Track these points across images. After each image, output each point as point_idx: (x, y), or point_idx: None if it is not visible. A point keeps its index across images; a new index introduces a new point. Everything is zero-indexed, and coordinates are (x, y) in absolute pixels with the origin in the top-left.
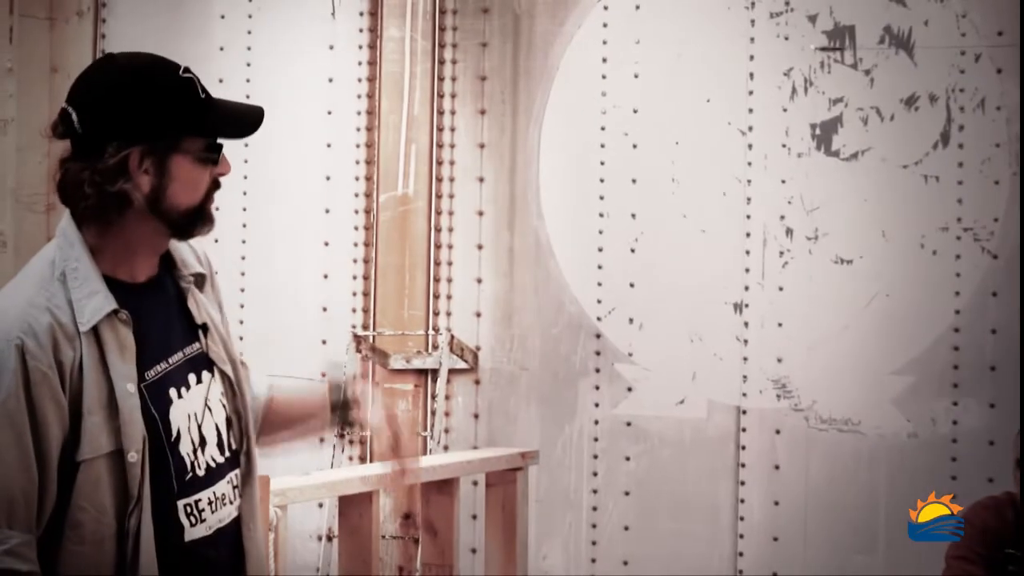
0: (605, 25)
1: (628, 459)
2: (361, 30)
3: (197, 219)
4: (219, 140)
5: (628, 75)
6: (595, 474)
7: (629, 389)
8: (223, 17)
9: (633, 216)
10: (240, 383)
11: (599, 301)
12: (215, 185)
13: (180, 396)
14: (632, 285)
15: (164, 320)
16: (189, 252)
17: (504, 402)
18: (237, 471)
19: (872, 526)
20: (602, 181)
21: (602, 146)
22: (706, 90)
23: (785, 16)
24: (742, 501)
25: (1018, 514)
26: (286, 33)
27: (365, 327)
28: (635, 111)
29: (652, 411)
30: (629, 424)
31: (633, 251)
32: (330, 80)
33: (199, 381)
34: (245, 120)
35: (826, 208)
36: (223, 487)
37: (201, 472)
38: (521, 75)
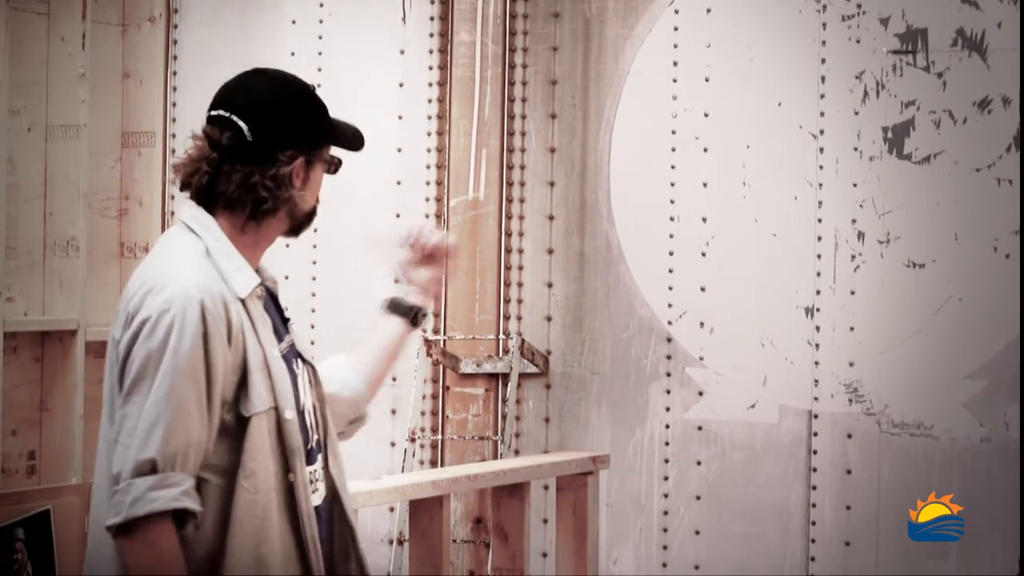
0: (676, 29)
1: (699, 463)
2: (432, 35)
3: (310, 220)
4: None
5: (699, 79)
6: (666, 478)
7: (700, 393)
8: (294, 22)
9: (704, 220)
10: (318, 376)
11: (670, 305)
12: None
13: (297, 373)
14: (703, 289)
15: (273, 308)
16: None
17: (575, 406)
18: (323, 454)
19: None
20: (673, 185)
21: (673, 150)
22: (777, 93)
23: (857, 19)
24: (813, 505)
25: None
26: (357, 38)
27: (436, 331)
28: (706, 115)
29: (723, 415)
30: (700, 428)
31: (704, 255)
32: (401, 85)
33: (299, 366)
34: (359, 136)
35: (898, 212)
36: (317, 466)
37: (312, 446)
38: (592, 79)
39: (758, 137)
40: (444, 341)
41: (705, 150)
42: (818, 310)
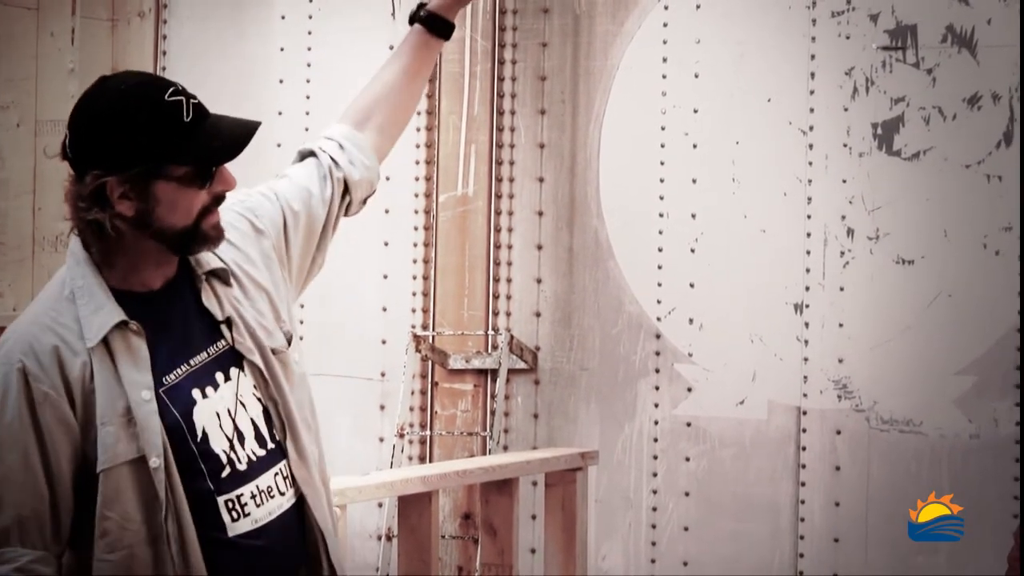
0: (665, 25)
1: (688, 459)
2: None
3: (194, 238)
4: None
5: (688, 75)
6: (655, 474)
7: (689, 389)
8: (283, 18)
9: (693, 216)
10: (273, 372)
11: (659, 301)
12: (216, 201)
13: (205, 396)
14: (692, 285)
15: (183, 324)
16: None
17: (564, 402)
18: (285, 461)
19: None
20: (662, 181)
21: (662, 146)
22: (767, 90)
23: (847, 15)
24: (802, 502)
25: None
26: (346, 33)
27: (424, 327)
28: (695, 111)
29: (712, 412)
30: (689, 424)
31: (693, 251)
32: None
33: (228, 378)
34: (231, 142)
35: (887, 208)
36: (268, 479)
37: (242, 467)
38: (581, 75)
39: (747, 133)
40: (433, 337)
41: (694, 146)
42: (807, 306)
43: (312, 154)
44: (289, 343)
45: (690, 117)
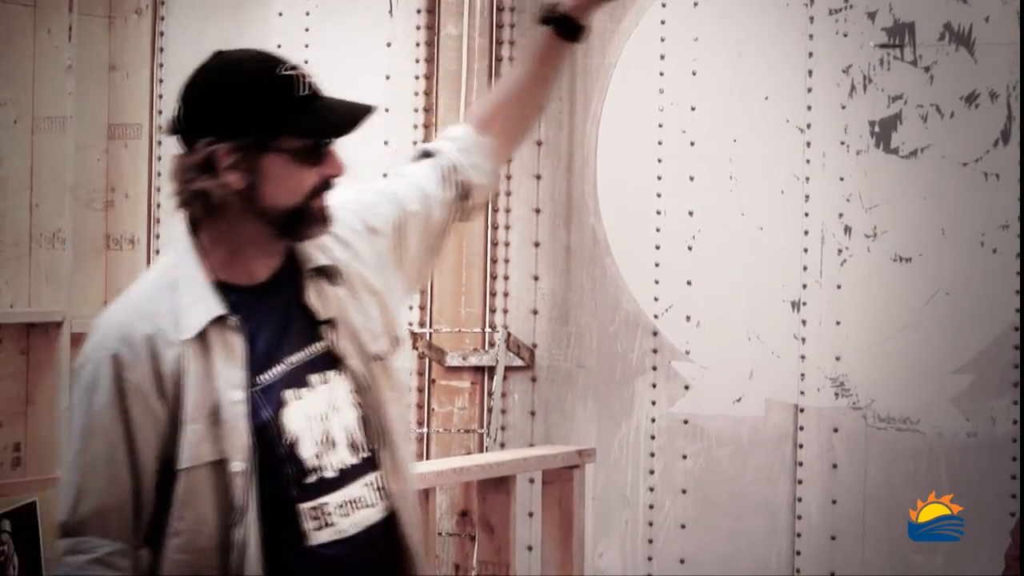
0: (663, 22)
1: (685, 457)
2: (419, 27)
3: (300, 221)
4: (323, 140)
5: (686, 72)
6: (652, 472)
7: (686, 387)
8: (281, 15)
9: (691, 214)
10: (372, 378)
11: (656, 299)
12: (324, 186)
13: (299, 398)
14: (689, 283)
15: (282, 321)
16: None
17: (561, 400)
18: (377, 473)
19: None
20: (659, 179)
21: (660, 143)
22: (764, 87)
23: (844, 13)
24: (800, 500)
25: None
26: (344, 31)
27: (422, 324)
28: (693, 108)
29: (709, 409)
30: (686, 422)
31: (691, 249)
32: (387, 78)
33: (324, 381)
34: (344, 120)
35: (885, 206)
36: (358, 490)
37: (330, 474)
38: (579, 72)
39: (745, 131)
40: (430, 334)
41: (692, 144)
42: (805, 304)
43: (431, 154)
44: (395, 349)
45: (688, 115)
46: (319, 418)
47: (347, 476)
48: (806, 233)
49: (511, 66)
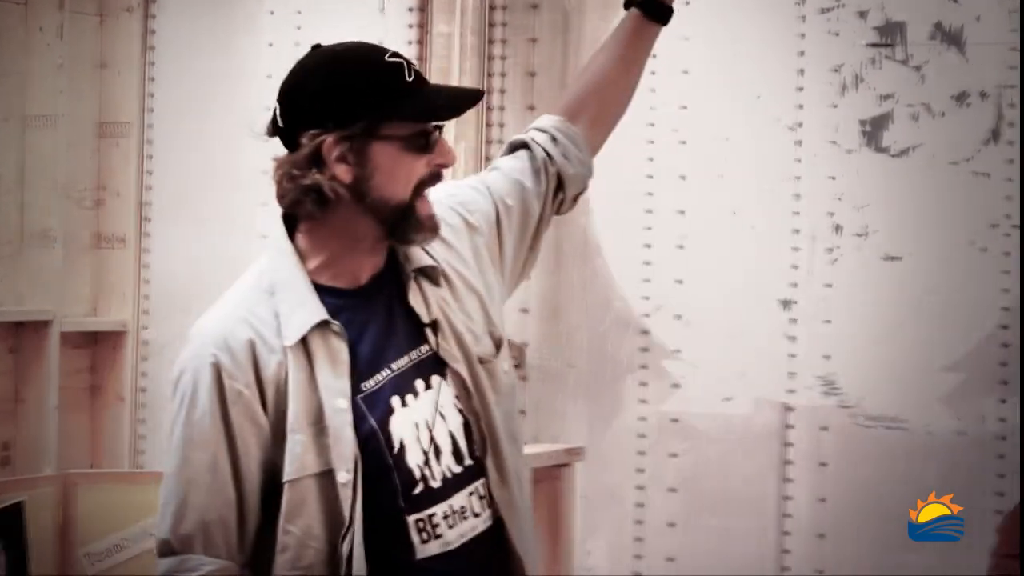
0: None
1: (674, 456)
2: (410, 25)
3: (407, 218)
4: (431, 124)
5: (677, 71)
6: (641, 471)
7: (676, 386)
8: (272, 13)
9: (681, 213)
10: (478, 382)
11: (646, 298)
12: (432, 178)
13: (405, 404)
14: (680, 282)
15: (386, 325)
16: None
17: (551, 399)
18: (483, 480)
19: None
20: (650, 178)
21: (650, 142)
22: (755, 86)
23: (836, 12)
24: (789, 498)
25: None
26: (335, 29)
27: None
28: (684, 107)
29: (699, 408)
30: (676, 421)
31: (681, 248)
32: None
33: (428, 387)
34: (454, 101)
35: (875, 205)
36: (462, 499)
37: (436, 484)
38: (570, 71)
39: (736, 130)
40: None
41: (683, 143)
42: (795, 303)
43: (524, 145)
44: (499, 350)
45: (678, 113)
46: (425, 425)
47: (452, 485)
48: (796, 232)
49: (599, 50)
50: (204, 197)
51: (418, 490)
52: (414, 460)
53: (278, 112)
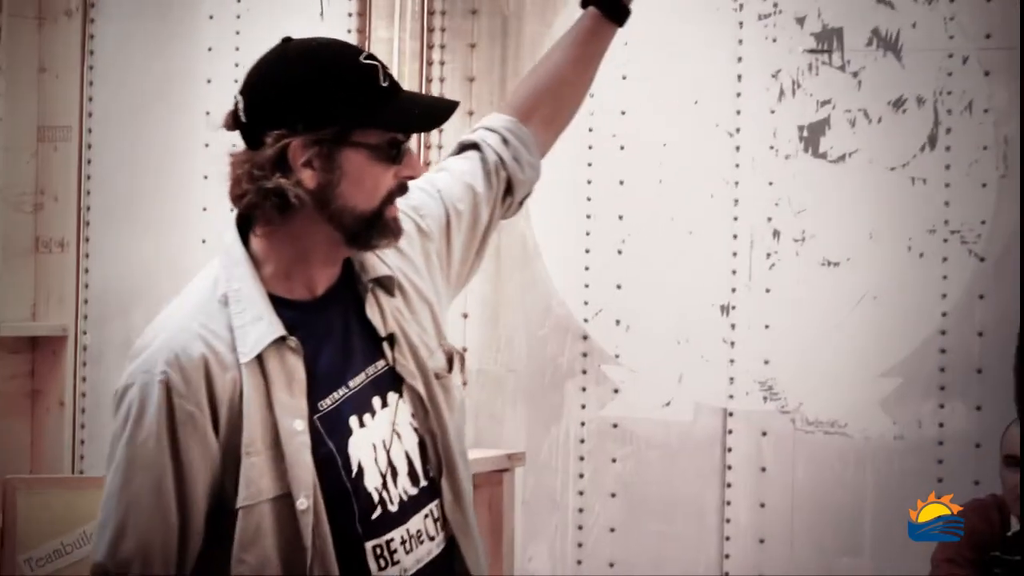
0: None
1: (614, 461)
2: (350, 31)
3: (373, 228)
4: (401, 135)
5: (616, 77)
6: (581, 476)
7: (616, 391)
8: (211, 17)
9: (620, 218)
10: (434, 399)
11: (586, 303)
12: (399, 189)
13: (363, 424)
14: (619, 287)
15: (343, 339)
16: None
17: (491, 403)
18: (437, 502)
19: (858, 528)
20: (589, 183)
21: (589, 148)
22: (694, 92)
23: (773, 18)
24: (728, 503)
25: (1004, 517)
26: (274, 33)
27: None
28: (623, 113)
29: (639, 413)
30: (615, 426)
31: (620, 253)
32: None
33: (385, 404)
34: (430, 113)
35: (813, 210)
36: (419, 522)
37: (393, 508)
38: (510, 77)
39: (675, 135)
40: None
41: (622, 148)
42: (733, 308)
43: (474, 146)
44: (451, 364)
45: (617, 119)
46: (382, 445)
47: (409, 508)
48: (735, 237)
49: (552, 48)
50: (144, 202)
51: (376, 514)
52: (372, 483)
53: (241, 105)
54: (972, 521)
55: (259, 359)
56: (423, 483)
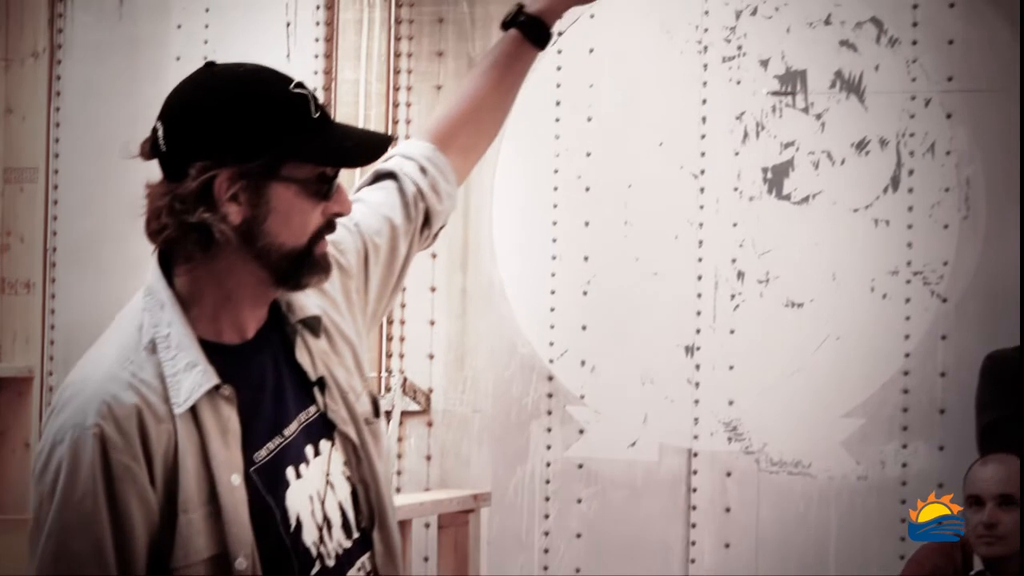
0: (559, 69)
1: (580, 501)
2: (316, 72)
3: (302, 266)
4: (331, 169)
5: (581, 118)
6: (547, 516)
7: (581, 431)
8: (178, 59)
9: (585, 259)
10: (366, 447)
11: (551, 343)
12: (328, 227)
13: (299, 476)
14: (584, 327)
15: (275, 385)
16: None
17: (456, 444)
18: (368, 554)
19: (823, 568)
20: (555, 224)
21: (555, 189)
22: (658, 134)
23: (737, 60)
24: (693, 543)
25: (967, 556)
26: None
27: None
28: (588, 154)
29: (604, 453)
30: (581, 466)
31: (585, 293)
32: None
33: (318, 453)
34: (364, 147)
35: (777, 251)
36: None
37: (331, 562)
38: None
39: (639, 177)
40: None
41: (587, 189)
42: (698, 348)
43: (391, 175)
44: (376, 409)
45: (583, 160)
46: (317, 497)
47: (344, 562)
48: (699, 278)
49: (472, 74)
50: (110, 243)
51: (315, 571)
52: (310, 538)
53: (161, 133)
54: (935, 561)
55: (192, 410)
56: (355, 535)
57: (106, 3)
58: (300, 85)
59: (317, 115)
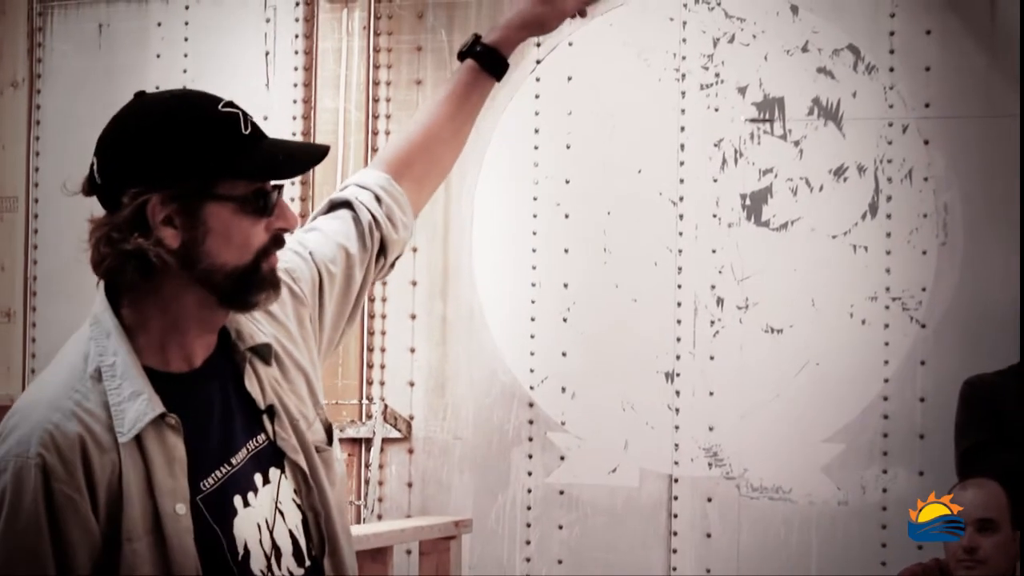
0: (537, 96)
1: (561, 527)
2: (295, 101)
3: (250, 284)
4: (270, 184)
5: (560, 146)
6: (528, 542)
7: (562, 458)
8: (158, 88)
9: (565, 286)
10: (316, 475)
11: (532, 370)
12: (275, 242)
13: (247, 504)
14: (564, 354)
15: (222, 414)
16: (249, 317)
17: (437, 471)
18: None
19: None
20: (534, 251)
21: (534, 216)
22: (637, 161)
23: (715, 88)
24: (674, 569)
25: None
26: None
27: None
28: (567, 181)
29: (585, 480)
30: (562, 492)
31: (565, 320)
32: None
33: (267, 481)
34: (296, 158)
35: (756, 278)
36: None
37: None
38: None
39: (618, 203)
40: None
41: (566, 216)
42: (678, 375)
43: (346, 204)
44: (329, 436)
45: (562, 187)
46: (265, 525)
47: None
48: (679, 305)
49: (422, 106)
50: (91, 272)
51: None
52: (257, 566)
53: (95, 167)
54: None
55: (138, 438)
56: (307, 563)
57: (86, 33)
58: (230, 104)
59: (248, 131)
